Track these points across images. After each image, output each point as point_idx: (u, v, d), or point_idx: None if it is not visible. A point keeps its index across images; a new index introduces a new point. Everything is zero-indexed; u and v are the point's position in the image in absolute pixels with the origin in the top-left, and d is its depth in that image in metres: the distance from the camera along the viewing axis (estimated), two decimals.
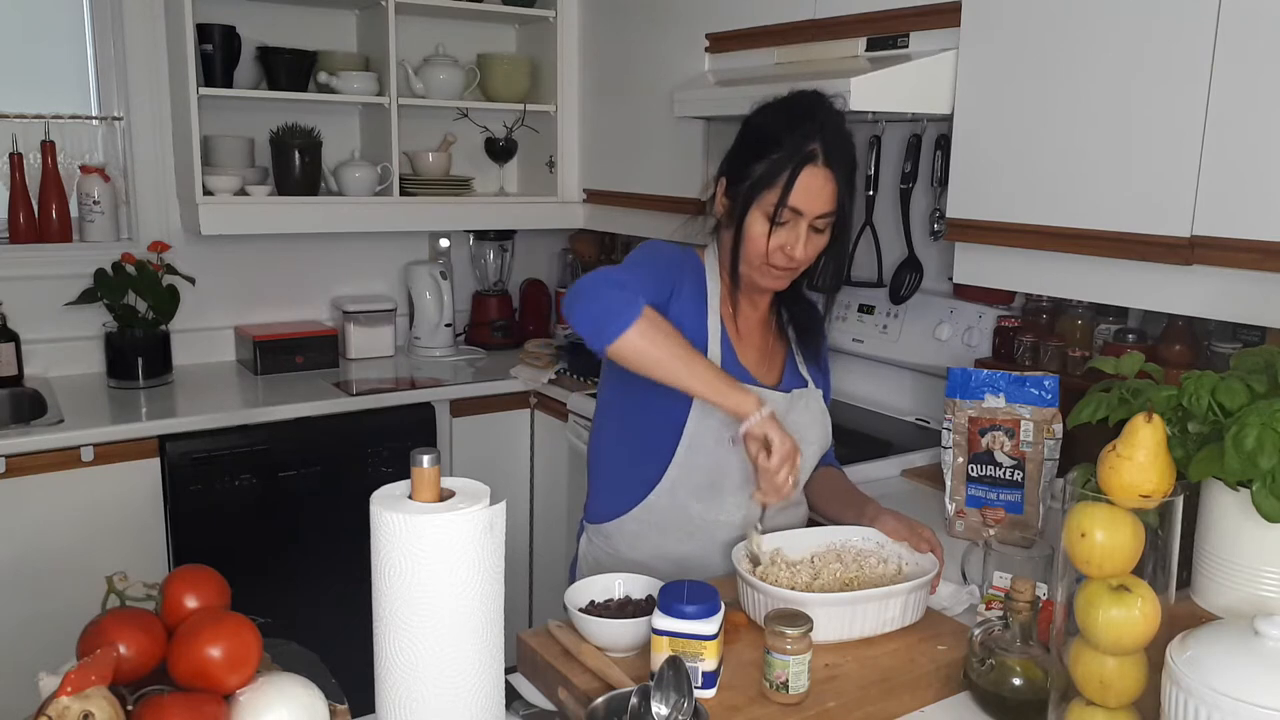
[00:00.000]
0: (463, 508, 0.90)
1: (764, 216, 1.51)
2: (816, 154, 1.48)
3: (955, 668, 1.27)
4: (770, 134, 1.52)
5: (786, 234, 1.51)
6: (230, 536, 2.57)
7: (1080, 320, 2.18)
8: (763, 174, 1.50)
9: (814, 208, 1.49)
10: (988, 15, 1.90)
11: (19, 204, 2.80)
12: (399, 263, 3.39)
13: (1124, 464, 1.02)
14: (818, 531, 1.53)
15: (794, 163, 1.47)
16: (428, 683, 0.91)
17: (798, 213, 1.49)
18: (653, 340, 1.39)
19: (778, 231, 1.51)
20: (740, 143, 1.57)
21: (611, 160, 3.13)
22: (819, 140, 1.48)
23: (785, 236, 1.51)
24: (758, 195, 1.50)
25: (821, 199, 1.49)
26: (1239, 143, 1.55)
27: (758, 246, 1.52)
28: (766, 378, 1.64)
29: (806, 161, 1.47)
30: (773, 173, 1.49)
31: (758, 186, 1.50)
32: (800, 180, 1.47)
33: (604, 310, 1.40)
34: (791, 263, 1.52)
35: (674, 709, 1.02)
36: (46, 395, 2.66)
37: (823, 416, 1.68)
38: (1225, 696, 0.90)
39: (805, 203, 1.48)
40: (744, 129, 1.58)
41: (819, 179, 1.48)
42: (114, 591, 1.04)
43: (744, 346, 1.64)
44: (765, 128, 1.54)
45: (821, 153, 1.48)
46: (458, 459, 2.94)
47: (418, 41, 3.18)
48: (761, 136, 1.53)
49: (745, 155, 1.54)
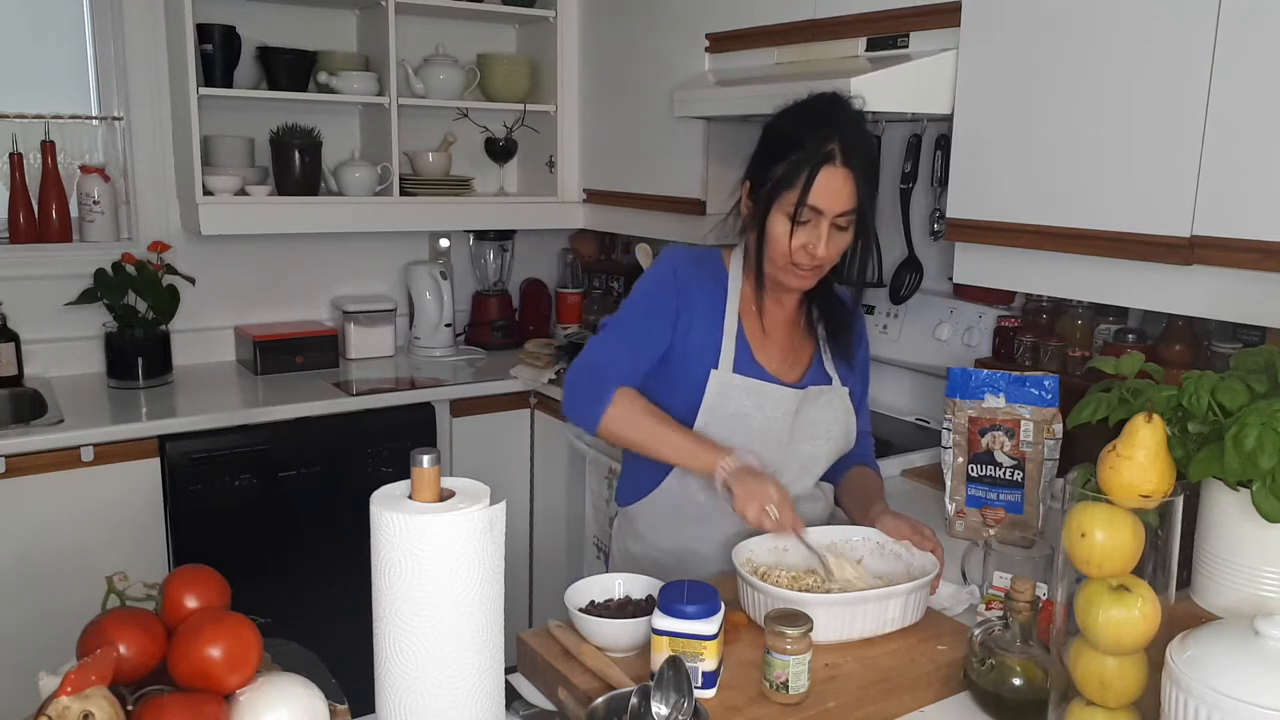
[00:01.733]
0: (463, 508, 0.90)
1: (785, 217, 1.53)
2: (835, 154, 1.50)
3: (955, 668, 1.27)
4: (789, 136, 1.55)
5: (808, 233, 1.53)
6: (230, 536, 2.57)
7: (1080, 320, 2.18)
8: (782, 175, 1.53)
9: (834, 206, 1.52)
10: (988, 15, 1.90)
11: (19, 204, 2.80)
12: (399, 263, 3.39)
13: (1124, 464, 1.02)
14: (817, 531, 1.52)
15: (812, 163, 1.50)
16: (428, 683, 0.91)
17: (818, 211, 1.52)
18: (623, 425, 1.56)
19: (800, 231, 1.53)
20: (761, 147, 1.61)
21: (611, 160, 3.13)
22: (837, 140, 1.51)
23: (807, 236, 1.53)
24: (778, 196, 1.54)
25: (841, 198, 1.52)
26: (1239, 143, 1.55)
27: (780, 247, 1.55)
28: (789, 375, 1.67)
29: (825, 161, 1.50)
30: (792, 174, 1.52)
31: (778, 188, 1.53)
32: (819, 180, 1.50)
33: (581, 402, 1.59)
34: (815, 261, 1.55)
35: (674, 709, 1.02)
36: (46, 395, 2.66)
37: (845, 415, 1.70)
38: (1225, 696, 0.90)
39: (825, 201, 1.51)
40: (764, 133, 1.61)
41: (838, 178, 1.51)
42: (114, 591, 1.04)
43: (765, 344, 1.66)
44: (784, 131, 1.57)
45: (840, 152, 1.50)
46: (458, 459, 2.94)
47: (418, 41, 3.18)
48: (781, 139, 1.56)
49: (766, 158, 1.58)
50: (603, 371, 1.59)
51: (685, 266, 1.65)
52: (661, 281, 1.64)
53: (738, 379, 1.62)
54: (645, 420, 1.56)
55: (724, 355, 1.62)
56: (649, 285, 1.65)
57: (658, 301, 1.63)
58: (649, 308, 1.63)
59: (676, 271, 1.64)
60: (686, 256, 1.67)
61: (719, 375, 1.62)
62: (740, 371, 1.63)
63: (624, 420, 1.56)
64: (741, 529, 1.54)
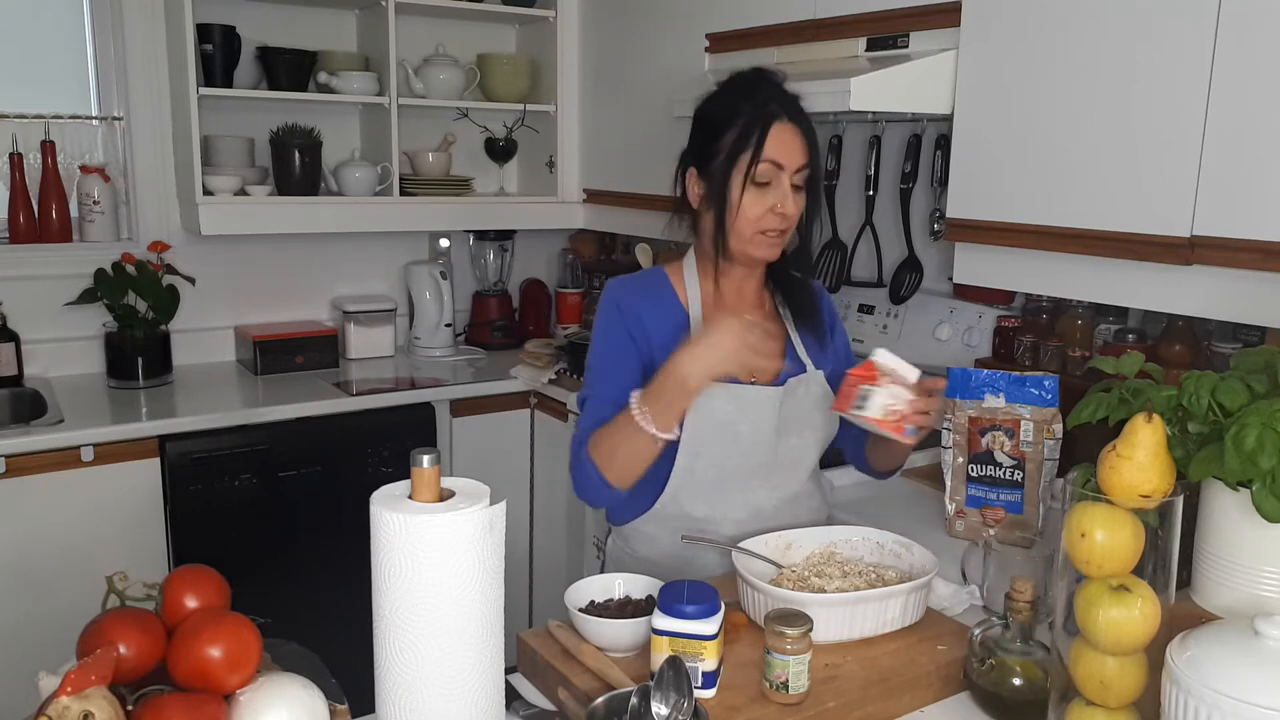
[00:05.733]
0: (463, 508, 0.90)
1: (745, 182, 1.53)
2: (779, 111, 1.52)
3: (955, 668, 1.27)
4: (727, 109, 1.55)
5: (773, 194, 1.53)
6: (230, 536, 2.57)
7: (1080, 320, 2.18)
8: (734, 142, 1.53)
9: (792, 160, 1.52)
10: (988, 15, 1.90)
11: (19, 204, 2.80)
12: (399, 263, 3.39)
13: (1124, 464, 1.02)
14: (817, 531, 1.52)
15: (761, 122, 1.51)
16: (428, 683, 0.91)
17: (778, 166, 1.52)
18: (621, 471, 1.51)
19: (763, 194, 1.53)
20: (697, 130, 1.60)
21: (611, 160, 3.13)
22: (776, 101, 1.52)
23: (773, 196, 1.53)
24: (735, 164, 1.53)
25: (795, 150, 1.52)
26: (1239, 143, 1.55)
27: (746, 215, 1.54)
28: (765, 374, 1.62)
29: (773, 118, 1.52)
30: (744, 137, 1.52)
31: (732, 155, 1.53)
32: (771, 135, 1.51)
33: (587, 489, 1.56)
34: (784, 222, 1.54)
35: (674, 709, 1.02)
36: (46, 395, 2.66)
37: (824, 399, 1.64)
38: (1225, 696, 0.90)
39: (783, 155, 1.52)
40: (696, 120, 1.61)
41: (789, 132, 1.52)
42: (114, 591, 1.04)
43: None
44: (720, 107, 1.57)
45: (784, 111, 1.52)
46: (458, 459, 2.94)
47: (418, 41, 3.18)
48: (719, 115, 1.56)
49: (708, 137, 1.57)
50: (579, 449, 1.55)
51: (625, 295, 1.63)
52: (608, 318, 1.62)
53: (715, 385, 1.57)
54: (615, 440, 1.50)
55: None
56: (599, 327, 1.63)
57: (612, 340, 1.61)
58: (606, 351, 1.61)
59: (619, 304, 1.62)
60: (623, 285, 1.65)
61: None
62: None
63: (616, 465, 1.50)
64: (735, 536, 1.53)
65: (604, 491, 1.53)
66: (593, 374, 1.62)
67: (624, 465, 1.50)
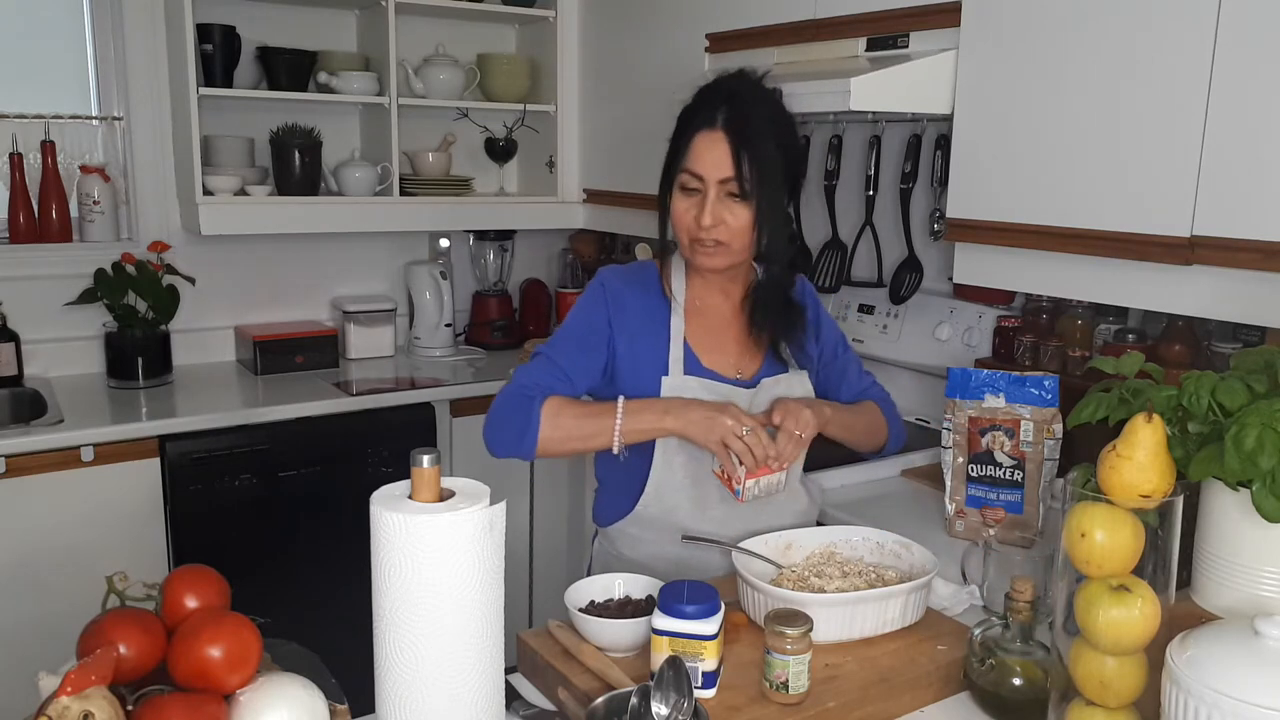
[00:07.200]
0: (463, 508, 0.90)
1: (673, 189, 1.56)
2: (714, 119, 1.51)
3: (955, 668, 1.27)
4: (683, 114, 1.57)
5: (696, 203, 1.53)
6: (230, 536, 2.57)
7: (1080, 320, 2.18)
8: (670, 151, 1.56)
9: (713, 171, 1.51)
10: (988, 15, 1.90)
11: (19, 204, 2.80)
12: (399, 263, 3.39)
13: (1124, 464, 1.02)
14: (817, 531, 1.53)
15: (690, 129, 1.53)
16: (428, 683, 0.91)
17: (698, 177, 1.52)
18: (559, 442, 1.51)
19: (689, 201, 1.54)
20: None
21: (611, 160, 3.13)
22: (722, 108, 1.51)
23: (696, 205, 1.53)
24: (672, 171, 1.56)
25: (719, 161, 1.50)
26: (1239, 143, 1.55)
27: (677, 222, 1.57)
28: (746, 371, 1.65)
29: (702, 126, 1.52)
30: (677, 146, 1.54)
31: (667, 163, 1.56)
32: (695, 144, 1.52)
33: (506, 435, 1.51)
34: (701, 231, 1.53)
35: (674, 709, 1.02)
36: (46, 395, 2.66)
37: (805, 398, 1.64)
38: (1225, 696, 0.90)
39: (702, 166, 1.51)
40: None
41: (713, 142, 1.51)
42: (114, 591, 1.04)
43: (715, 346, 1.64)
44: (682, 111, 1.58)
45: (721, 119, 1.51)
46: (458, 459, 2.94)
47: (418, 41, 3.18)
48: (679, 120, 1.58)
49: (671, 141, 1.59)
50: (527, 395, 1.52)
51: (615, 280, 1.64)
52: (592, 296, 1.63)
53: (691, 381, 1.59)
54: (578, 424, 1.51)
55: (673, 361, 1.60)
56: (580, 303, 1.64)
57: (590, 313, 1.61)
58: (580, 321, 1.61)
59: (606, 284, 1.63)
60: (616, 272, 1.66)
61: (670, 381, 1.59)
62: (692, 373, 1.60)
63: (557, 436, 1.50)
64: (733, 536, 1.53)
65: (523, 447, 1.51)
66: (557, 339, 1.62)
67: (564, 442, 1.52)
